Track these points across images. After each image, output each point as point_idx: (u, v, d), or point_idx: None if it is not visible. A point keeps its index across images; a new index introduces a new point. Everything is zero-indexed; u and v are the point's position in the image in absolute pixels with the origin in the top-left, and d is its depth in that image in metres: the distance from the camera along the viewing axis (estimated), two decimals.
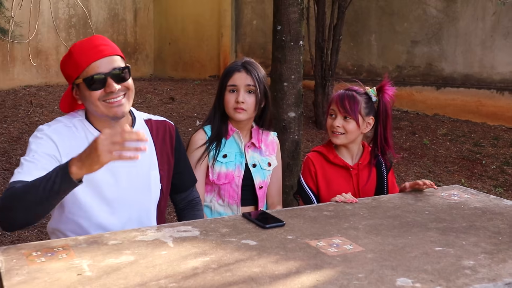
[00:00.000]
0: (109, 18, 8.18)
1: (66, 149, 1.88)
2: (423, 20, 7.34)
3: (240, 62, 2.35)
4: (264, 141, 2.45)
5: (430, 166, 5.86)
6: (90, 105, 1.90)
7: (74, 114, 2.00)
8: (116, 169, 1.94)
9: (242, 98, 2.30)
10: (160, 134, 2.11)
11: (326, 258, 1.57)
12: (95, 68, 1.86)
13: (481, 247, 1.68)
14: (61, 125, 1.94)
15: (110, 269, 1.48)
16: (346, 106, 2.31)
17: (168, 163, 2.12)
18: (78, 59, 1.88)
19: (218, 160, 2.33)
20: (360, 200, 2.18)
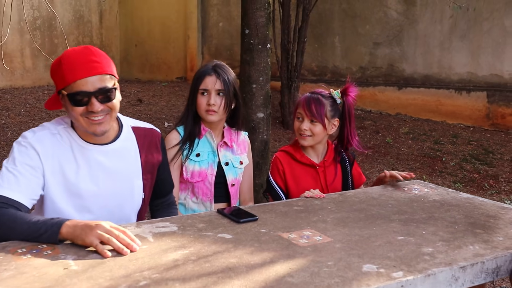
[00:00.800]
0: (74, 20, 8.14)
1: (49, 158, 1.90)
2: (384, 22, 7.57)
3: (211, 66, 2.45)
4: (236, 141, 2.56)
5: (393, 164, 6.06)
6: (72, 117, 1.92)
7: (59, 121, 2.00)
8: (99, 178, 1.98)
9: (214, 101, 2.40)
10: (146, 143, 2.13)
11: (297, 249, 1.69)
12: (80, 86, 1.84)
13: (439, 236, 1.82)
14: (47, 132, 1.94)
15: (95, 263, 1.55)
16: (312, 110, 2.43)
17: (152, 172, 2.15)
18: (66, 72, 1.85)
19: (191, 159, 2.43)
20: (328, 195, 2.31)
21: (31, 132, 1.94)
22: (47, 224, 1.69)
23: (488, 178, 5.73)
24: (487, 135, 6.97)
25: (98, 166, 1.98)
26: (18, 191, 1.82)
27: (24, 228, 1.70)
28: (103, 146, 2.00)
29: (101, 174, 1.99)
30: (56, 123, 2.00)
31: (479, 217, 2.04)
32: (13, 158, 1.88)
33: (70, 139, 1.96)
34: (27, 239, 1.70)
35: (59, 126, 1.98)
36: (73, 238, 1.68)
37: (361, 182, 2.64)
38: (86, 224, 1.67)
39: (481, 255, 1.66)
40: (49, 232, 1.68)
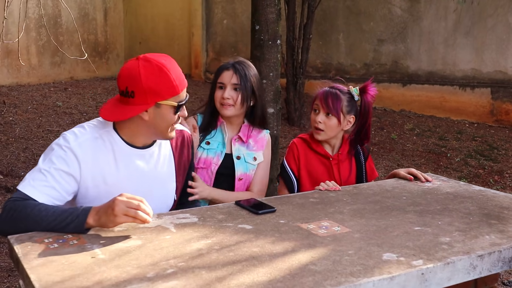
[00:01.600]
0: (79, 17, 8.17)
1: (89, 165, 1.90)
2: (389, 19, 7.60)
3: (232, 61, 2.50)
4: (254, 137, 2.60)
5: (398, 160, 6.10)
6: (164, 126, 1.94)
7: (103, 124, 1.99)
8: (137, 181, 2.00)
9: (228, 94, 2.45)
10: (179, 145, 2.18)
11: (317, 238, 1.73)
12: (183, 95, 1.95)
13: (455, 226, 1.86)
14: (89, 137, 1.93)
15: (121, 252, 1.59)
16: (328, 103, 2.47)
17: (183, 174, 2.21)
18: (175, 81, 1.88)
19: (201, 146, 2.49)
20: (342, 188, 2.34)
21: (73, 135, 1.91)
22: (73, 214, 1.72)
23: (493, 173, 5.77)
24: (491, 131, 7.00)
25: (137, 169, 2.01)
26: (44, 192, 1.82)
27: (50, 219, 1.72)
28: (143, 150, 2.03)
29: (139, 177, 2.02)
30: (99, 125, 1.99)
31: (493, 208, 2.07)
32: (50, 160, 1.86)
33: (113, 143, 1.96)
34: (53, 230, 1.72)
35: (101, 129, 1.97)
36: (101, 224, 1.72)
37: (373, 177, 2.67)
38: (106, 206, 1.70)
39: (497, 244, 1.70)
40: (75, 222, 1.71)
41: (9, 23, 7.11)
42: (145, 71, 1.85)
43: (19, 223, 1.73)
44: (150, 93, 1.86)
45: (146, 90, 1.86)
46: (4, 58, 7.18)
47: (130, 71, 1.87)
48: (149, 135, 2.00)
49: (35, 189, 1.81)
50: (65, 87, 7.65)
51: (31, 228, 1.73)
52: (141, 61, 1.88)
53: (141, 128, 1.97)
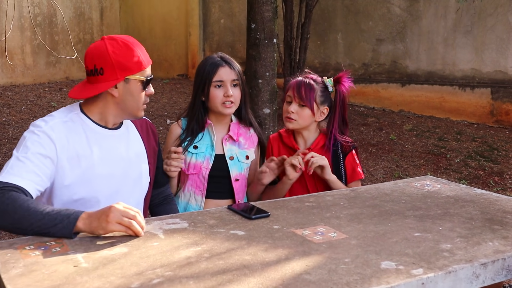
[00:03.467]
0: (75, 17, 8.09)
1: (65, 147, 1.89)
2: (388, 18, 7.53)
3: (219, 57, 2.42)
4: (244, 135, 2.53)
5: (397, 161, 6.02)
6: (132, 103, 1.97)
7: (69, 109, 1.99)
8: (112, 162, 2.00)
9: (231, 92, 2.38)
10: (144, 130, 2.19)
11: (312, 245, 1.64)
12: (149, 71, 1.98)
13: (456, 232, 1.78)
14: (58, 121, 1.93)
15: (106, 260, 1.51)
16: (301, 93, 2.40)
17: (154, 156, 2.20)
18: (141, 56, 1.93)
19: (189, 151, 2.40)
20: (339, 192, 2.26)
21: (42, 121, 1.91)
22: (62, 215, 1.65)
23: (493, 175, 5.69)
24: (491, 131, 6.93)
25: (110, 150, 2.00)
26: (27, 178, 1.78)
27: (38, 218, 1.65)
28: (113, 131, 2.03)
29: (113, 158, 2.01)
30: (66, 110, 1.99)
31: (496, 213, 1.99)
32: (25, 146, 1.84)
33: (83, 124, 1.97)
34: (39, 229, 1.65)
35: (70, 113, 1.98)
36: (91, 229, 1.65)
37: (354, 178, 2.52)
38: (100, 212, 1.65)
39: (501, 252, 1.62)
40: (64, 223, 1.64)
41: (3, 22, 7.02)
42: (112, 47, 1.91)
43: (7, 216, 1.66)
44: (119, 67, 1.90)
45: (115, 65, 1.89)
46: None
47: (98, 49, 1.92)
48: (118, 114, 2.01)
49: (16, 176, 1.76)
50: (60, 87, 7.56)
51: (17, 224, 1.66)
52: (107, 40, 1.94)
53: (111, 106, 1.98)
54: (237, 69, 2.41)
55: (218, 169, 2.44)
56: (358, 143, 6.44)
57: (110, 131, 2.02)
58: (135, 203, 2.10)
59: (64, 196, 1.93)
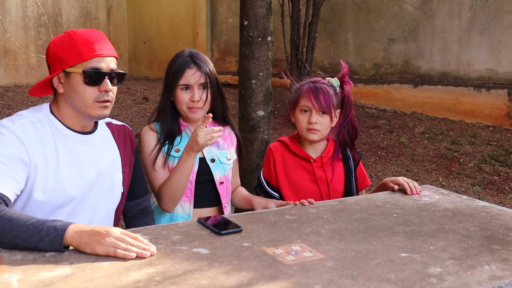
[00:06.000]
0: (81, 16, 7.98)
1: (34, 148, 1.75)
2: (400, 17, 7.28)
3: (188, 56, 2.22)
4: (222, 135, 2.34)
5: (407, 165, 5.79)
6: (77, 99, 1.79)
7: (37, 109, 1.85)
8: (80, 168, 1.84)
9: (198, 96, 2.19)
10: (121, 137, 2.03)
11: (282, 268, 1.45)
12: (96, 63, 1.78)
13: (449, 252, 1.57)
14: (25, 121, 1.78)
15: (42, 284, 1.33)
16: (321, 101, 2.19)
17: (129, 166, 2.05)
18: (82, 47, 1.77)
19: (171, 155, 2.21)
20: (326, 203, 2.06)
21: (9, 121, 1.77)
22: (49, 227, 1.50)
23: (508, 180, 5.42)
24: (507, 135, 6.64)
25: (79, 155, 1.85)
26: (4, 183, 1.64)
27: (22, 230, 1.50)
28: (84, 135, 1.88)
29: (82, 164, 1.85)
30: (34, 111, 1.86)
31: (497, 229, 1.78)
32: None
33: (52, 126, 1.82)
34: (24, 244, 1.50)
35: (38, 113, 1.84)
36: (79, 245, 1.50)
37: (364, 186, 2.39)
38: (94, 231, 1.51)
39: (498, 278, 1.40)
40: (52, 236, 1.49)
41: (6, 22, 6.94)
42: (56, 40, 1.82)
43: None
44: (57, 60, 1.79)
45: (53, 58, 1.80)
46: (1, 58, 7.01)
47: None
48: (73, 113, 1.84)
49: None
50: None
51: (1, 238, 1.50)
52: (63, 33, 1.84)
53: (63, 104, 1.84)
54: (206, 70, 2.20)
55: (201, 174, 2.26)
56: (367, 146, 6.21)
57: (80, 135, 1.87)
58: (105, 213, 1.95)
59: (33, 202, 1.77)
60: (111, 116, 2.04)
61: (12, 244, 1.51)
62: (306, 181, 2.26)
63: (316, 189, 2.27)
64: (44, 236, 1.49)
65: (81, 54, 1.76)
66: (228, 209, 2.34)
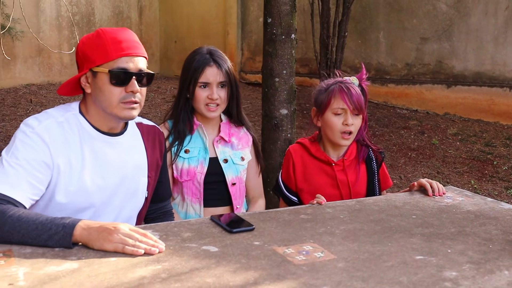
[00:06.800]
0: (113, 16, 8.08)
1: (58, 150, 1.72)
2: (433, 16, 7.12)
3: (207, 54, 2.20)
4: (236, 135, 2.32)
5: (438, 167, 5.65)
6: (104, 99, 1.75)
7: (66, 108, 1.82)
8: (105, 171, 1.81)
9: (216, 94, 2.18)
10: (150, 139, 1.98)
11: (290, 268, 1.41)
12: (124, 63, 1.73)
13: (467, 256, 1.50)
14: (52, 120, 1.75)
15: (48, 278, 1.33)
16: (355, 102, 2.12)
17: (156, 170, 1.99)
18: (110, 46, 1.72)
19: (181, 156, 2.19)
20: (343, 203, 2.01)
21: (36, 120, 1.74)
22: (57, 225, 1.50)
23: None
24: None
25: (105, 158, 1.81)
26: (18, 187, 1.62)
27: (31, 228, 1.50)
28: (112, 137, 1.83)
29: (107, 167, 1.81)
30: (62, 109, 1.82)
31: None
32: (16, 150, 1.67)
33: (79, 127, 1.79)
34: (33, 242, 1.50)
35: (66, 113, 1.80)
36: (88, 241, 1.49)
37: (386, 186, 2.32)
38: (103, 227, 1.49)
39: None
40: (60, 234, 1.49)
41: (41, 22, 7.07)
42: (85, 38, 1.79)
43: None
44: (85, 59, 1.76)
45: (82, 57, 1.77)
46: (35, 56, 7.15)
47: None
48: (101, 114, 1.80)
49: (5, 185, 1.60)
50: None
51: (8, 238, 1.51)
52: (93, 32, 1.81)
53: (91, 105, 1.80)
54: (225, 68, 2.19)
55: (212, 174, 2.24)
56: (397, 147, 6.10)
57: (108, 137, 1.83)
58: (127, 217, 1.92)
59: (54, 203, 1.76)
60: (141, 114, 2.01)
61: (22, 242, 1.51)
62: (327, 185, 2.20)
63: (337, 194, 2.20)
64: (53, 235, 1.49)
65: (108, 53, 1.72)
66: (241, 210, 2.31)
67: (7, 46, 6.48)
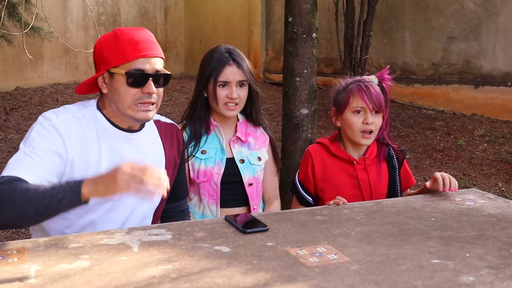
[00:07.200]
0: (139, 16, 8.15)
1: (74, 144, 1.73)
2: (461, 15, 7.00)
3: (226, 52, 2.19)
4: (253, 135, 2.30)
5: (464, 169, 5.55)
6: (119, 100, 1.75)
7: (84, 104, 1.84)
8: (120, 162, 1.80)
9: (236, 94, 2.17)
10: (168, 137, 1.98)
11: (302, 269, 1.39)
12: (140, 64, 1.73)
13: (486, 261, 1.46)
14: (70, 116, 1.77)
15: (58, 276, 1.33)
16: (374, 100, 2.10)
17: (174, 168, 1.98)
18: (127, 47, 1.73)
19: (197, 157, 2.18)
20: (361, 204, 1.98)
21: (54, 113, 1.76)
22: (64, 189, 1.51)
23: None
24: None
25: (122, 154, 1.81)
26: (34, 173, 1.63)
27: (39, 198, 1.50)
28: (129, 133, 1.84)
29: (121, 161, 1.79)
30: (81, 106, 1.84)
31: None
32: (33, 140, 1.69)
33: (96, 123, 1.80)
34: (45, 211, 1.51)
35: (84, 109, 1.82)
36: (100, 193, 1.51)
37: (409, 185, 2.27)
38: (105, 178, 1.50)
39: None
40: (69, 196, 1.50)
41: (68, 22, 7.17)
42: (102, 38, 1.80)
43: (8, 207, 1.51)
44: (102, 59, 1.77)
45: (99, 57, 1.78)
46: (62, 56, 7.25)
47: None
48: (118, 114, 1.79)
49: (22, 171, 1.61)
50: None
51: (22, 211, 1.52)
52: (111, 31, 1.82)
53: (108, 104, 1.81)
54: (245, 67, 2.18)
55: (229, 174, 2.23)
56: (422, 148, 6.00)
57: (125, 133, 1.83)
58: (143, 214, 1.91)
59: None
60: (165, 113, 2.00)
61: (37, 213, 1.52)
62: (348, 186, 2.17)
63: (358, 193, 2.17)
64: (62, 199, 1.49)
65: (125, 54, 1.73)
66: (258, 211, 2.29)
67: (35, 46, 6.59)
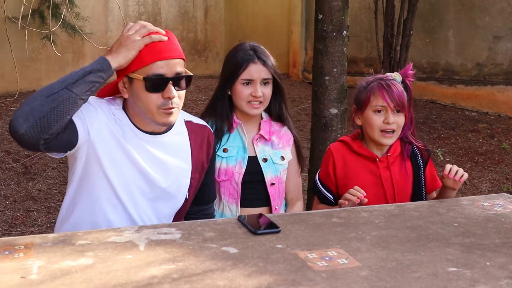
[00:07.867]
0: (179, 15, 8.20)
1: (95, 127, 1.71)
2: (507, 13, 6.73)
3: (251, 50, 2.15)
4: (277, 133, 2.25)
5: (508, 173, 5.34)
6: (141, 105, 1.72)
7: (111, 101, 1.81)
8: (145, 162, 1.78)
9: (260, 92, 2.13)
10: (198, 139, 1.93)
11: (309, 274, 1.34)
12: (159, 68, 1.69)
13: (508, 270, 1.37)
14: (105, 106, 1.77)
15: (60, 273, 1.32)
16: (396, 99, 2.03)
17: (201, 172, 1.94)
18: (144, 51, 1.68)
19: (218, 155, 2.14)
20: (381, 207, 1.90)
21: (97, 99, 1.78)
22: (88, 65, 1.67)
23: None
24: None
25: (145, 152, 1.79)
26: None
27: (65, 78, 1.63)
28: (154, 136, 1.81)
29: (146, 161, 1.79)
30: (108, 102, 1.80)
31: None
32: None
33: (122, 121, 1.78)
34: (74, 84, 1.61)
35: (112, 106, 1.79)
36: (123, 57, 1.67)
37: (434, 188, 2.18)
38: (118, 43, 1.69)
39: None
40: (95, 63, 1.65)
41: (109, 21, 7.29)
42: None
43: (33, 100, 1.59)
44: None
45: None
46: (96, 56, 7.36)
47: None
48: (141, 118, 1.77)
49: None
50: None
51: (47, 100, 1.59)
52: None
53: (131, 108, 1.78)
54: (270, 65, 2.14)
55: (250, 173, 2.18)
56: (463, 151, 5.81)
57: (150, 136, 1.80)
58: (166, 215, 1.89)
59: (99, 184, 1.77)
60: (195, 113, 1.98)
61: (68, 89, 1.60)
62: (370, 184, 2.10)
63: (381, 192, 2.10)
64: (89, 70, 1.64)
65: (142, 58, 1.68)
66: (281, 211, 2.24)
67: (76, 45, 6.72)
